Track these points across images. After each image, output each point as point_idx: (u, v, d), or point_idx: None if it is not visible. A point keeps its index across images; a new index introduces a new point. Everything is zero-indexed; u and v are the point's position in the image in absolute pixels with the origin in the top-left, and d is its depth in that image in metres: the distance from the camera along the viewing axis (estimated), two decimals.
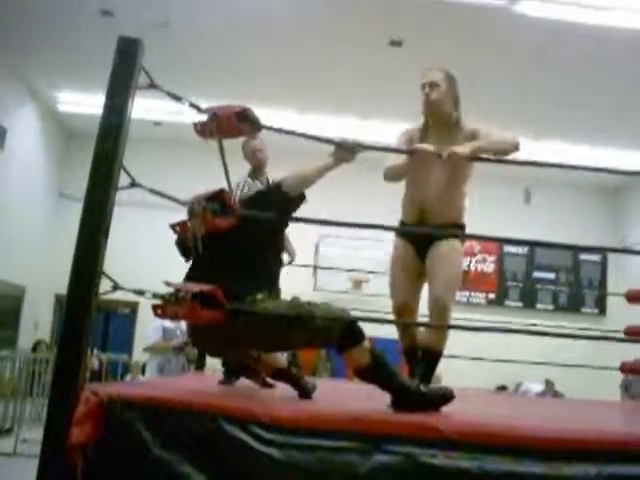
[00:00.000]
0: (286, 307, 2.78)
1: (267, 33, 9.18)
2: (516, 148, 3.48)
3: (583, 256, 13.98)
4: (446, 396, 2.76)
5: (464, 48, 9.26)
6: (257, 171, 5.04)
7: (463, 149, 3.33)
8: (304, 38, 9.26)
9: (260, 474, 2.25)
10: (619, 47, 8.68)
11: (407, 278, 3.76)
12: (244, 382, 3.78)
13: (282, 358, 3.38)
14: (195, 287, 2.52)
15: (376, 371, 2.74)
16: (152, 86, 2.67)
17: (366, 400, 2.96)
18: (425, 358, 3.63)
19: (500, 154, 3.46)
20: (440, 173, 3.62)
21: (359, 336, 2.73)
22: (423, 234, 3.72)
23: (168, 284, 2.60)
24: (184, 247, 2.96)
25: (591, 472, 2.20)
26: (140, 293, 2.58)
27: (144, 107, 10.26)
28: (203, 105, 2.83)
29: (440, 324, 3.56)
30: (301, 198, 3.06)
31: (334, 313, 2.74)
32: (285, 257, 5.54)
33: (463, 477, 2.20)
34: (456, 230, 3.67)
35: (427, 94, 3.63)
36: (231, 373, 3.87)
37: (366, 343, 2.73)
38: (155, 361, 7.04)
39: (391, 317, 3.85)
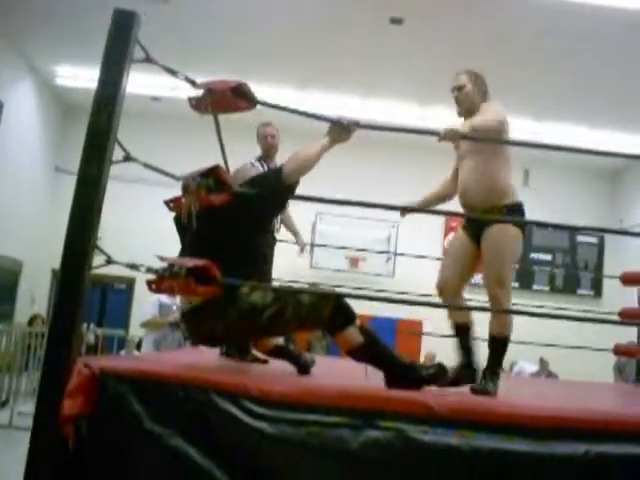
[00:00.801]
0: (272, 298, 2.77)
1: (267, 10, 9.12)
2: (500, 124, 3.57)
3: (580, 238, 13.98)
4: (438, 373, 2.77)
5: (464, 26, 9.21)
6: (267, 156, 5.06)
7: (461, 128, 3.42)
8: (304, 15, 9.20)
9: (251, 448, 2.26)
10: (620, 27, 8.62)
11: (452, 261, 3.85)
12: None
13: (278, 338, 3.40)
14: (189, 262, 2.52)
15: (368, 350, 2.75)
16: (148, 60, 2.65)
17: (361, 377, 2.98)
18: (489, 345, 3.70)
19: (487, 130, 3.53)
20: (470, 157, 3.71)
21: (349, 317, 2.74)
22: (473, 222, 3.75)
23: (162, 259, 2.60)
24: (181, 224, 2.97)
25: (580, 450, 2.21)
26: (134, 267, 2.58)
27: (143, 82, 10.23)
28: (200, 80, 2.81)
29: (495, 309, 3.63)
30: (296, 184, 3.05)
31: (320, 296, 2.76)
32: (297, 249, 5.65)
33: (453, 454, 2.22)
34: (505, 211, 3.64)
35: (456, 97, 3.86)
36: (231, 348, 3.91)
37: (357, 323, 2.74)
38: (151, 336, 7.06)
39: (385, 295, 3.87)
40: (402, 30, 9.44)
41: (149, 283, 2.55)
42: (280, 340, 3.36)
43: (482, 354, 3.66)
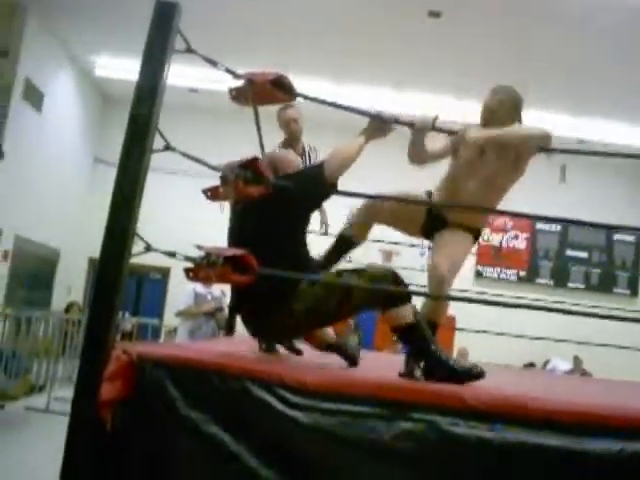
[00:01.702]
0: (332, 286, 2.81)
1: (307, 1, 9.14)
2: (524, 141, 3.42)
3: (617, 236, 13.81)
4: (476, 373, 2.76)
5: (502, 19, 9.13)
6: (291, 140, 5.04)
7: (477, 134, 3.31)
8: (343, 7, 9.19)
9: (285, 436, 2.28)
10: None
11: (400, 206, 3.66)
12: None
13: (331, 332, 3.37)
14: (227, 251, 2.55)
15: (415, 332, 2.78)
16: (189, 50, 2.68)
17: (396, 369, 2.98)
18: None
19: (508, 143, 3.39)
20: (471, 172, 3.51)
21: (405, 297, 2.77)
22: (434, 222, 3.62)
23: (200, 247, 2.64)
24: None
25: (614, 448, 2.20)
26: (172, 255, 2.61)
27: (180, 73, 10.30)
28: (239, 71, 2.84)
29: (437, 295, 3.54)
30: (337, 182, 3.05)
31: (379, 274, 2.80)
32: (319, 227, 5.57)
33: (485, 447, 2.22)
34: (471, 230, 3.55)
35: (483, 115, 3.60)
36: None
37: (410, 305, 2.78)
38: (186, 325, 7.12)
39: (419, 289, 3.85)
40: (440, 23, 9.39)
41: (187, 271, 2.58)
42: (332, 336, 3.35)
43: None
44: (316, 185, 2.94)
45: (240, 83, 2.80)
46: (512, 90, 3.65)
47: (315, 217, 5.35)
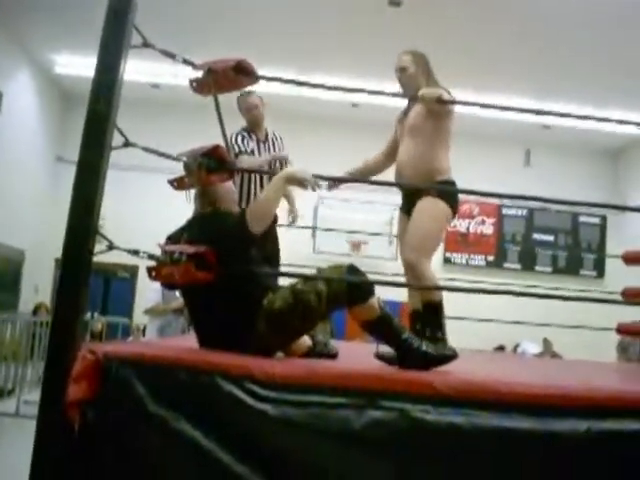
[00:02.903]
0: (293, 296, 2.78)
1: None
2: (437, 99, 3.59)
3: (582, 218, 13.96)
4: (449, 355, 2.78)
5: (464, 7, 9.17)
6: (252, 126, 5.03)
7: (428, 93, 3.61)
8: None
9: (255, 430, 2.27)
10: (613, 8, 8.60)
11: (403, 244, 3.85)
12: None
13: (307, 340, 3.32)
14: (190, 248, 2.52)
15: (383, 325, 2.78)
16: (145, 45, 2.65)
17: (368, 358, 2.98)
18: (423, 312, 3.68)
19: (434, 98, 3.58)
20: (411, 137, 3.77)
21: (368, 291, 2.76)
22: (407, 199, 3.80)
23: (162, 246, 2.62)
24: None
25: (581, 428, 2.22)
26: (136, 253, 2.59)
27: (141, 69, 10.21)
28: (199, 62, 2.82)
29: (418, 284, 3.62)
30: (272, 232, 3.00)
31: (335, 274, 2.78)
32: (287, 217, 5.48)
33: (456, 433, 2.23)
34: (437, 190, 3.65)
35: (398, 78, 3.96)
36: None
37: (375, 298, 2.77)
38: (155, 323, 7.06)
39: (389, 279, 3.88)
40: (400, 12, 9.40)
41: (149, 271, 2.56)
42: (308, 342, 3.31)
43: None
44: (244, 240, 2.82)
45: (200, 74, 2.77)
46: (419, 51, 4.03)
47: (283, 207, 5.32)
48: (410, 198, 3.72)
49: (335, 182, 3.90)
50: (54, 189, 13.13)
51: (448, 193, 3.66)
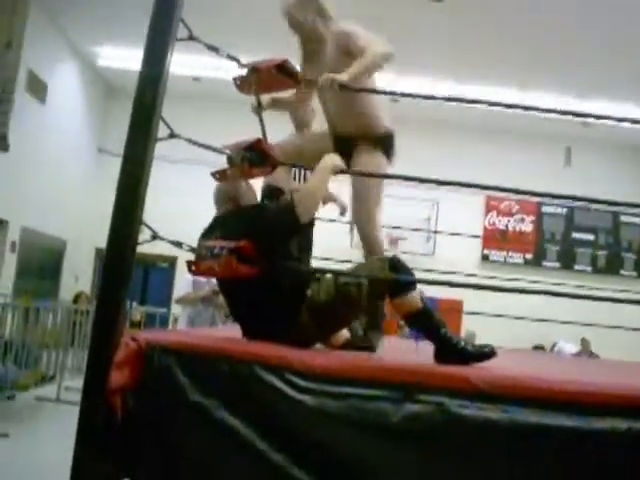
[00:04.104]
0: (336, 289, 2.79)
1: None
2: (387, 59, 3.40)
3: (623, 218, 13.78)
4: (487, 353, 2.78)
5: (505, 5, 9.10)
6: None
7: (341, 76, 3.16)
8: None
9: (293, 420, 2.30)
10: None
11: None
12: None
13: (345, 332, 3.31)
14: (231, 243, 2.55)
15: (425, 318, 2.79)
16: (191, 38, 2.68)
17: (406, 353, 3.00)
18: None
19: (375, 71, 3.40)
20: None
21: (410, 283, 2.78)
22: (341, 143, 3.57)
23: (201, 243, 2.65)
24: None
25: (622, 427, 2.21)
26: (178, 245, 2.63)
27: (183, 62, 10.29)
28: (241, 59, 2.84)
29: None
30: (312, 223, 3.00)
31: (378, 266, 2.80)
32: (335, 209, 5.46)
33: (493, 428, 2.23)
34: (374, 141, 3.49)
35: (291, 27, 3.56)
36: None
37: (417, 290, 2.78)
38: (186, 313, 7.11)
39: (425, 276, 3.86)
40: (442, 8, 9.36)
41: (189, 264, 2.59)
42: (346, 334, 3.32)
43: None
44: (292, 228, 2.85)
45: (244, 71, 2.80)
46: None
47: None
48: (345, 144, 3.49)
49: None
50: (95, 180, 13.34)
51: (384, 142, 3.52)
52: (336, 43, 3.46)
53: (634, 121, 3.72)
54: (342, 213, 5.37)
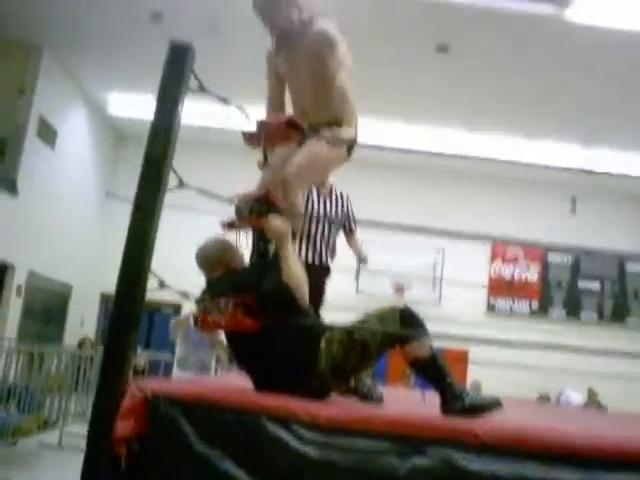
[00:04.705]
0: (350, 339, 2.80)
1: None
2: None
3: (629, 267, 13.76)
4: (493, 404, 2.76)
5: (511, 54, 9.23)
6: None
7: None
8: (351, 43, 9.28)
9: (299, 472, 2.28)
10: None
11: (280, 161, 3.50)
12: None
13: None
14: (235, 298, 2.55)
15: (432, 367, 2.78)
16: (202, 89, 2.73)
17: (412, 404, 2.99)
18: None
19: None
20: (304, 74, 3.43)
21: (422, 330, 2.79)
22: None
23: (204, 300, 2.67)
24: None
25: None
26: (184, 296, 2.64)
27: (193, 111, 10.40)
28: (250, 110, 2.89)
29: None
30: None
31: (389, 315, 2.81)
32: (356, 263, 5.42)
33: None
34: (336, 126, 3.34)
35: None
36: None
37: (428, 338, 2.78)
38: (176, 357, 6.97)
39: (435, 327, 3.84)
40: (448, 57, 9.49)
41: (195, 320, 2.60)
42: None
43: None
44: (290, 305, 2.89)
45: (253, 126, 2.84)
46: None
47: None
48: (316, 130, 3.34)
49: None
50: (102, 224, 13.42)
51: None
52: (314, 42, 3.39)
53: None
54: (363, 263, 5.34)
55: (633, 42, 8.45)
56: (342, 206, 5.02)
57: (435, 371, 2.80)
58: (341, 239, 5.09)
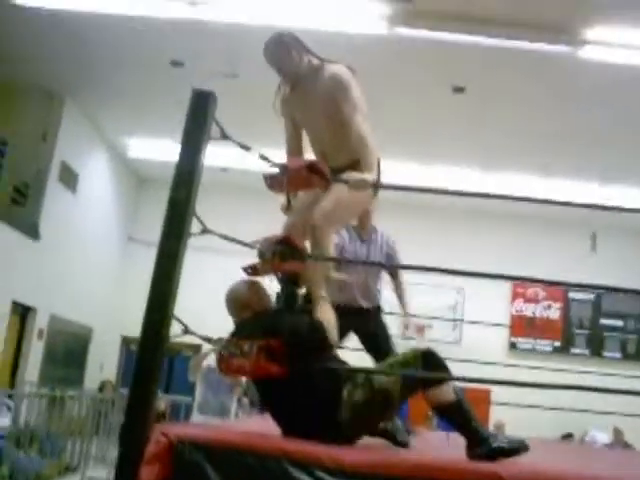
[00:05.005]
0: (372, 387, 2.77)
1: None
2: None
3: None
4: (520, 447, 2.73)
5: (527, 94, 9.29)
6: (361, 225, 4.99)
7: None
8: (367, 86, 9.39)
9: None
10: None
11: (301, 206, 3.63)
12: None
13: None
14: (260, 342, 2.55)
15: (457, 411, 2.76)
16: (224, 137, 2.77)
17: (436, 446, 2.96)
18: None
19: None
20: (320, 118, 3.52)
21: (443, 370, 2.78)
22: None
23: (229, 341, 2.67)
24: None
25: None
26: (207, 340, 2.65)
27: (211, 153, 10.51)
28: (270, 154, 2.92)
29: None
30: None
31: (411, 361, 2.79)
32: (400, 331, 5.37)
33: None
34: (366, 168, 3.33)
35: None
36: None
37: (452, 385, 2.76)
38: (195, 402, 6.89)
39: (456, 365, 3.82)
40: (465, 98, 9.56)
41: (219, 364, 2.60)
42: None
43: None
44: (320, 342, 2.93)
45: (274, 170, 2.87)
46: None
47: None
48: (337, 173, 3.40)
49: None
50: (123, 268, 13.52)
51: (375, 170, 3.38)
52: (328, 86, 3.47)
53: None
54: (404, 313, 5.30)
55: None
56: (381, 250, 5.03)
57: (460, 416, 2.78)
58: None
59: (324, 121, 3.52)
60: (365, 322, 4.87)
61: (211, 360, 6.74)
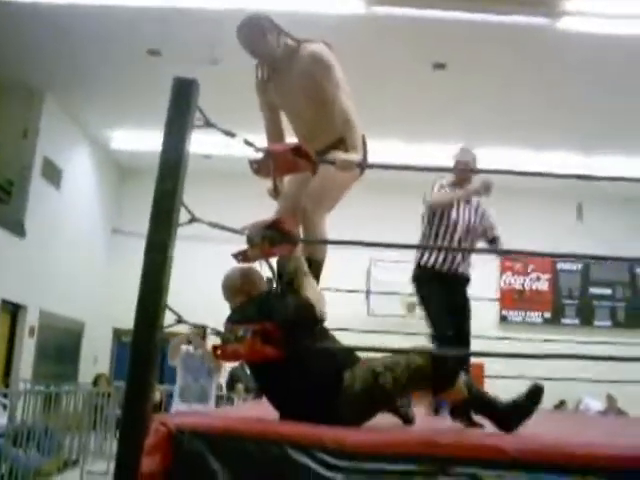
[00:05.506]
0: (372, 381, 2.73)
1: None
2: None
3: None
4: (537, 388, 2.91)
5: (507, 67, 9.28)
6: (461, 183, 5.24)
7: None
8: (347, 67, 9.34)
9: None
10: None
11: (294, 184, 3.64)
12: None
13: None
14: (255, 326, 2.55)
15: (473, 404, 2.78)
16: (208, 125, 2.75)
17: (437, 424, 2.97)
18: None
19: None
20: (301, 99, 3.48)
21: (452, 379, 2.74)
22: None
23: (226, 326, 2.67)
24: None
25: None
26: (201, 328, 2.65)
27: (195, 141, 10.45)
28: (253, 140, 2.90)
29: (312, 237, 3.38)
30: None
31: (418, 366, 2.70)
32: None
33: None
34: (350, 147, 3.30)
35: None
36: None
37: (461, 380, 2.76)
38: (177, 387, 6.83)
39: None
40: (445, 74, 9.54)
41: (214, 349, 2.60)
42: None
43: None
44: (313, 322, 2.91)
45: (260, 155, 2.85)
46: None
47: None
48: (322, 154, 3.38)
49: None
50: (110, 260, 13.48)
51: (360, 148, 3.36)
52: (307, 66, 3.43)
53: None
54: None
55: (628, 46, 8.49)
56: (476, 211, 5.07)
57: (478, 405, 2.80)
58: None
59: (305, 101, 3.48)
60: (459, 290, 4.85)
61: (189, 345, 6.71)
